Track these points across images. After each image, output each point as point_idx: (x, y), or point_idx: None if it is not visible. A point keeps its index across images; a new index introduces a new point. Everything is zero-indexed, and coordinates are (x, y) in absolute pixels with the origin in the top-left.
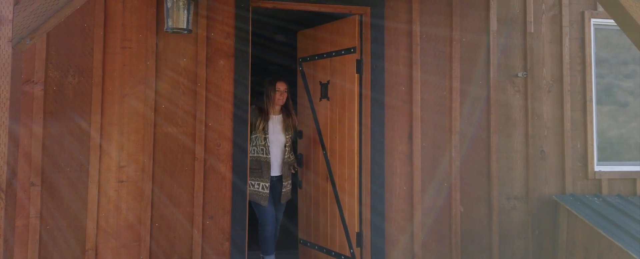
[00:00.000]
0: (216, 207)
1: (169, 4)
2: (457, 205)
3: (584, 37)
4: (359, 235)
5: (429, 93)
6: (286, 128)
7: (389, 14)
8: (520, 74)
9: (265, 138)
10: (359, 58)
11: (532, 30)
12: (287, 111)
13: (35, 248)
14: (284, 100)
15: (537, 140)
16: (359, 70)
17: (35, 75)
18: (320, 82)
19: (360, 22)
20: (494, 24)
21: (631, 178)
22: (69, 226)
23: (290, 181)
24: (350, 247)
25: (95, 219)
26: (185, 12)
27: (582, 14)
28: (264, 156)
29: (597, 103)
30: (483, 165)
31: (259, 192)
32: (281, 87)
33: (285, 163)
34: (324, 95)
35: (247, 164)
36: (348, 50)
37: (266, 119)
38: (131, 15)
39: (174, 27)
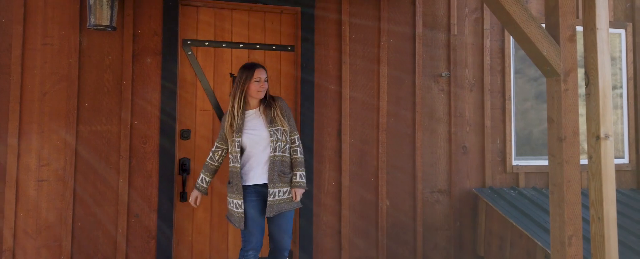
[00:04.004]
0: (142, 205)
1: (92, 1)
2: (384, 198)
3: (504, 39)
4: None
5: (357, 91)
6: (270, 120)
7: (319, 14)
8: (443, 74)
9: (237, 142)
10: (294, 57)
11: (456, 32)
12: (265, 101)
13: None
14: (265, 92)
15: (460, 136)
16: (295, 67)
17: None
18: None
19: (295, 19)
20: (419, 26)
21: (546, 171)
22: None
23: (284, 189)
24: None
25: (12, 219)
26: (109, 9)
27: None
28: (234, 165)
29: (516, 101)
30: (409, 160)
31: (231, 212)
32: (262, 75)
33: (273, 165)
34: None
35: (174, 162)
36: (283, 47)
37: (239, 116)
38: (53, 11)
39: (97, 24)
